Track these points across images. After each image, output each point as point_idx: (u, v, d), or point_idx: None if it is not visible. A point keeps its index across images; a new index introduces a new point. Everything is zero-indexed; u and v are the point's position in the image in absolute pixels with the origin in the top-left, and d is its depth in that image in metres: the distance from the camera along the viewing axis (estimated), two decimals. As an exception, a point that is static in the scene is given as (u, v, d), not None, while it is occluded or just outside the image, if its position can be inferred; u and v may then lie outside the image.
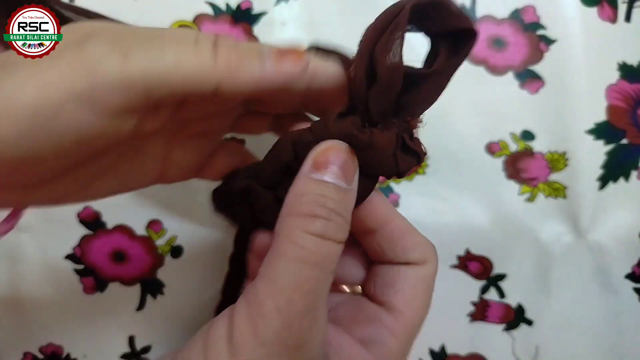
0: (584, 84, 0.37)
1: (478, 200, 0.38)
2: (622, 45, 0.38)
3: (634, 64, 0.38)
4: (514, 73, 0.37)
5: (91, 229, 0.37)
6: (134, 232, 0.37)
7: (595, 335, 0.39)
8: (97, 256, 0.37)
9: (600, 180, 0.38)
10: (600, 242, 0.38)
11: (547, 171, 0.38)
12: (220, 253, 0.38)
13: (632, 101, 0.38)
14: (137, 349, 0.39)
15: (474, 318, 0.39)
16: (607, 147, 0.38)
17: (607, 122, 0.38)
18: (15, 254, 0.37)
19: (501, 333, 0.39)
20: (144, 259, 0.38)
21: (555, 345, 0.39)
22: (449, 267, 0.38)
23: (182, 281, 0.38)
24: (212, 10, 0.37)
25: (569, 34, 0.37)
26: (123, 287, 0.38)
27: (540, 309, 0.39)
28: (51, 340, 0.38)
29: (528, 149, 0.38)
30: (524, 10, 0.38)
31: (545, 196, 0.38)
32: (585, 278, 0.39)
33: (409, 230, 0.22)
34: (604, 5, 0.38)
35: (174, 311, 0.38)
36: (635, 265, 0.39)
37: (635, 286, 0.39)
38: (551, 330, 0.39)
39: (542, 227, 0.38)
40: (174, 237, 0.38)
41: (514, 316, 0.39)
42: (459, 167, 0.38)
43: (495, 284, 0.39)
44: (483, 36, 0.37)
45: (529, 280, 0.39)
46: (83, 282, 0.38)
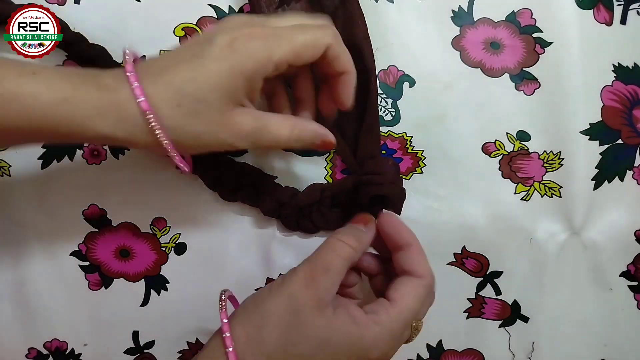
0: (580, 85, 0.38)
1: (474, 199, 0.38)
2: (617, 47, 0.39)
3: (629, 66, 0.39)
4: (510, 75, 0.38)
5: (96, 227, 0.38)
6: (138, 229, 0.38)
7: (590, 332, 0.40)
8: (102, 253, 0.38)
9: (595, 180, 0.38)
10: (595, 241, 0.39)
11: (543, 171, 0.38)
12: (223, 250, 0.38)
13: (627, 102, 0.39)
14: (141, 344, 0.39)
15: (470, 314, 0.40)
16: (602, 147, 0.38)
17: (602, 123, 0.38)
18: (21, 251, 0.38)
19: (497, 329, 0.40)
20: (149, 256, 0.38)
21: (551, 342, 0.40)
22: (445, 264, 0.39)
23: (185, 277, 0.39)
24: (216, 13, 0.38)
25: (565, 37, 0.38)
26: (128, 283, 0.39)
27: (536, 306, 0.40)
28: (56, 335, 0.39)
29: (524, 149, 0.38)
30: (520, 13, 0.38)
31: (541, 195, 0.39)
32: (580, 276, 0.39)
33: (420, 253, 0.32)
34: (600, 8, 0.38)
35: (177, 307, 0.39)
36: (630, 263, 0.40)
37: (630, 284, 0.40)
38: (546, 326, 0.40)
39: (537, 225, 0.39)
40: (178, 234, 0.38)
41: (510, 313, 0.40)
42: (456, 167, 0.38)
43: (492, 281, 0.39)
44: (479, 39, 0.38)
45: (525, 277, 0.39)
46: (88, 279, 0.39)
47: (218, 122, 0.27)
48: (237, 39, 0.27)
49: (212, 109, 0.27)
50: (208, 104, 0.27)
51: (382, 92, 0.37)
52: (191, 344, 0.39)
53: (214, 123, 0.27)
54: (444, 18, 0.38)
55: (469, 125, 0.38)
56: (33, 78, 0.25)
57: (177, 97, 0.26)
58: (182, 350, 0.39)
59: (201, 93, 0.26)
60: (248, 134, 0.28)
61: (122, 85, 0.26)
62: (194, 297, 0.38)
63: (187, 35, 0.38)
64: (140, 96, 0.25)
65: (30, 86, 0.25)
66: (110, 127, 0.26)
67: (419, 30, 0.38)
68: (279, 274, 0.39)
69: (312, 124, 0.31)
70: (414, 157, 0.39)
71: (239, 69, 0.26)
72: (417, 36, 0.38)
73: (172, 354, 0.39)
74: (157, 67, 0.27)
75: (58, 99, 0.25)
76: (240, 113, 0.28)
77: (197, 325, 0.39)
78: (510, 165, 0.38)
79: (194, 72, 0.26)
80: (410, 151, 0.38)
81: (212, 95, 0.26)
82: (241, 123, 0.28)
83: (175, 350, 0.39)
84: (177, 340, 0.39)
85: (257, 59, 0.27)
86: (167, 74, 0.26)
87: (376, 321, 0.29)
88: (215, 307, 0.28)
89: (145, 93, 0.26)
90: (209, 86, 0.26)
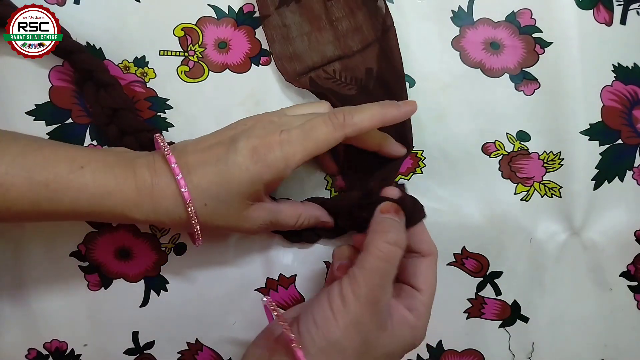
0: (579, 85, 0.38)
1: (474, 199, 0.38)
2: (617, 47, 0.39)
3: (629, 66, 0.39)
4: (510, 75, 0.38)
5: (96, 227, 0.38)
6: (138, 229, 0.38)
7: (590, 332, 0.40)
8: (102, 253, 0.38)
9: (595, 180, 0.38)
10: (595, 241, 0.39)
11: (543, 171, 0.38)
12: (222, 250, 0.38)
13: (627, 102, 0.39)
14: (141, 344, 0.39)
15: (470, 314, 0.40)
16: (601, 147, 0.38)
17: (602, 123, 0.38)
18: (21, 251, 0.38)
19: (497, 329, 0.40)
20: (148, 256, 0.38)
21: (551, 342, 0.40)
22: (445, 264, 0.39)
23: (185, 278, 0.38)
24: (215, 14, 0.38)
25: (565, 37, 0.38)
26: (127, 283, 0.39)
27: (536, 306, 0.40)
28: (55, 336, 0.39)
29: (524, 149, 0.38)
30: (520, 13, 0.38)
31: (541, 196, 0.39)
32: (580, 276, 0.39)
33: (423, 231, 0.33)
34: (600, 8, 0.38)
35: (177, 307, 0.39)
36: (630, 263, 0.40)
37: (630, 284, 0.40)
38: (546, 326, 0.40)
39: (537, 225, 0.39)
40: (178, 234, 0.38)
41: (510, 313, 0.40)
42: (456, 167, 0.38)
43: (492, 281, 0.39)
44: (480, 39, 0.38)
45: (525, 277, 0.39)
46: (88, 279, 0.38)
47: (237, 219, 0.31)
48: (257, 149, 0.30)
49: (232, 209, 0.31)
50: (229, 205, 0.30)
51: (382, 93, 0.37)
52: (191, 345, 0.39)
53: (233, 219, 0.31)
54: (444, 18, 0.38)
55: (469, 125, 0.38)
56: (81, 173, 0.29)
57: (204, 197, 0.30)
58: (182, 351, 0.39)
59: (224, 197, 0.30)
60: (260, 226, 0.33)
61: (158, 178, 0.30)
62: (194, 297, 0.38)
63: (186, 35, 0.38)
64: (184, 187, 0.30)
65: (79, 181, 0.29)
66: (144, 215, 0.30)
67: (419, 30, 0.38)
68: (279, 274, 0.39)
69: (315, 211, 0.36)
70: (414, 158, 0.39)
71: (259, 178, 0.30)
72: (417, 36, 0.38)
73: (172, 354, 0.39)
74: (187, 164, 0.30)
75: (102, 193, 0.29)
76: (256, 209, 0.32)
77: (197, 325, 0.39)
78: (510, 166, 0.38)
79: (219, 177, 0.30)
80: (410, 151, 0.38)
81: (233, 199, 0.30)
82: (257, 217, 0.32)
83: (175, 350, 0.39)
84: (176, 341, 0.39)
85: (276, 169, 0.30)
86: (195, 174, 0.30)
87: (419, 316, 0.30)
88: (215, 308, 0.28)
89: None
90: (231, 192, 0.30)
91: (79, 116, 0.37)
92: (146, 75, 0.38)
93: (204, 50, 0.38)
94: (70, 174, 0.29)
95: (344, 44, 0.37)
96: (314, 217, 0.36)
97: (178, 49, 0.38)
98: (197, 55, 0.38)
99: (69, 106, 0.37)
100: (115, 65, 0.37)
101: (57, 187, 0.29)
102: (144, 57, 0.37)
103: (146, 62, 0.38)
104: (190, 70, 0.38)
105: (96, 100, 0.36)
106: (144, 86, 0.38)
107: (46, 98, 0.37)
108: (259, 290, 0.39)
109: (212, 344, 0.39)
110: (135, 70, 0.37)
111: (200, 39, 0.38)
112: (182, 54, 0.38)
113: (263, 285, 0.39)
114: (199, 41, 0.38)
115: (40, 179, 0.28)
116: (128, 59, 0.37)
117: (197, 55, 0.38)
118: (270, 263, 0.39)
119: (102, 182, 0.29)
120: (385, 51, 0.36)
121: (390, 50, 0.36)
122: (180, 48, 0.38)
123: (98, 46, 0.37)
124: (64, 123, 0.37)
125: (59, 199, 0.29)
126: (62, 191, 0.29)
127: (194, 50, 0.38)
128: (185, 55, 0.38)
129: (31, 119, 0.37)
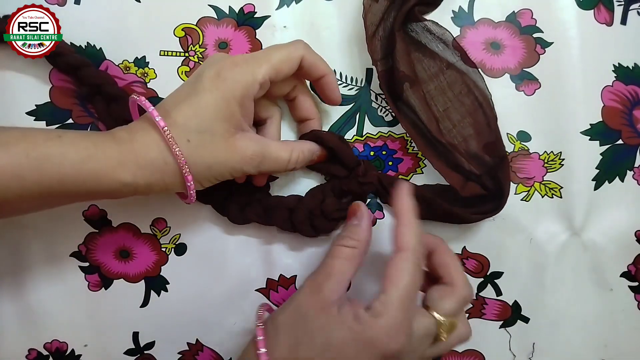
0: (580, 85, 0.38)
1: (475, 199, 0.38)
2: (617, 48, 0.39)
3: (629, 66, 0.39)
4: (510, 75, 0.38)
5: (96, 227, 0.38)
6: (139, 230, 0.38)
7: (590, 332, 0.40)
8: (102, 254, 0.38)
9: (595, 180, 0.38)
10: (596, 241, 0.39)
11: (543, 171, 0.38)
12: (223, 250, 0.38)
13: (627, 102, 0.39)
14: (141, 344, 0.39)
15: (471, 315, 0.40)
16: (602, 147, 0.38)
17: (603, 123, 0.38)
18: (21, 252, 0.38)
19: (498, 330, 0.40)
20: (149, 257, 0.38)
21: (551, 342, 0.40)
22: (446, 265, 0.39)
23: (185, 278, 0.38)
24: (216, 14, 0.38)
25: (566, 37, 0.38)
26: (128, 284, 0.39)
27: (536, 307, 0.40)
28: (56, 336, 0.39)
29: (524, 150, 0.38)
30: (520, 13, 0.38)
31: (541, 196, 0.39)
32: (580, 276, 0.39)
33: (403, 224, 0.31)
34: (601, 8, 0.38)
35: (177, 308, 0.39)
36: (630, 264, 0.40)
37: (631, 284, 0.40)
38: (547, 327, 0.40)
39: (537, 226, 0.39)
40: (178, 234, 0.38)
41: (511, 313, 0.40)
42: (456, 167, 0.38)
43: (492, 281, 0.39)
44: (480, 39, 0.38)
45: (525, 278, 0.39)
46: (88, 279, 0.38)
47: (224, 149, 0.31)
48: (222, 68, 0.30)
49: (216, 138, 0.30)
50: (211, 133, 0.30)
51: (382, 93, 0.37)
52: (191, 345, 0.39)
53: (221, 151, 0.30)
54: (444, 18, 0.38)
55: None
56: (59, 141, 0.29)
57: (185, 132, 0.29)
58: (182, 351, 0.39)
59: (204, 125, 0.30)
60: (252, 157, 0.31)
61: (136, 132, 0.30)
62: (194, 297, 0.38)
63: (187, 35, 0.38)
64: (164, 126, 0.29)
65: (58, 148, 0.28)
66: (131, 173, 0.29)
67: (419, 30, 0.38)
68: (279, 274, 0.39)
69: (307, 144, 0.35)
70: (414, 158, 0.39)
71: (231, 95, 0.30)
72: (418, 36, 0.38)
73: (172, 354, 0.39)
74: (163, 109, 0.30)
75: (83, 157, 0.28)
76: (242, 138, 0.31)
77: (197, 325, 0.39)
78: (511, 166, 0.38)
79: (193, 108, 0.30)
80: (411, 152, 0.38)
81: (213, 124, 0.30)
82: (245, 147, 0.31)
83: (175, 350, 0.39)
84: (177, 341, 0.39)
85: (244, 83, 0.30)
86: (171, 115, 0.30)
87: (374, 314, 0.29)
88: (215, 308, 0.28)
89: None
90: (209, 117, 0.30)
91: (80, 116, 0.37)
92: (147, 75, 0.38)
93: (205, 50, 0.38)
94: (47, 141, 0.28)
95: None
96: (307, 150, 0.35)
97: (178, 49, 0.38)
98: (197, 56, 0.38)
99: (69, 106, 0.37)
100: (115, 66, 0.37)
101: (37, 155, 0.28)
102: (144, 57, 0.37)
103: (147, 63, 0.38)
104: (191, 71, 0.38)
105: (108, 114, 0.36)
106: (144, 86, 0.38)
107: (46, 98, 0.37)
108: (259, 291, 0.39)
109: (212, 345, 0.39)
110: (135, 71, 0.37)
111: (200, 40, 0.38)
112: (182, 54, 0.38)
113: (263, 285, 0.39)
114: (200, 41, 0.38)
115: (18, 149, 0.27)
116: (128, 59, 0.37)
117: (197, 55, 0.38)
118: (271, 263, 0.38)
119: (81, 146, 0.29)
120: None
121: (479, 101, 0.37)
122: (181, 48, 0.38)
123: (98, 46, 0.37)
124: (64, 123, 0.37)
125: (41, 168, 0.28)
126: (43, 159, 0.28)
127: (195, 51, 0.38)
128: (185, 55, 0.38)
129: (31, 119, 0.37)
